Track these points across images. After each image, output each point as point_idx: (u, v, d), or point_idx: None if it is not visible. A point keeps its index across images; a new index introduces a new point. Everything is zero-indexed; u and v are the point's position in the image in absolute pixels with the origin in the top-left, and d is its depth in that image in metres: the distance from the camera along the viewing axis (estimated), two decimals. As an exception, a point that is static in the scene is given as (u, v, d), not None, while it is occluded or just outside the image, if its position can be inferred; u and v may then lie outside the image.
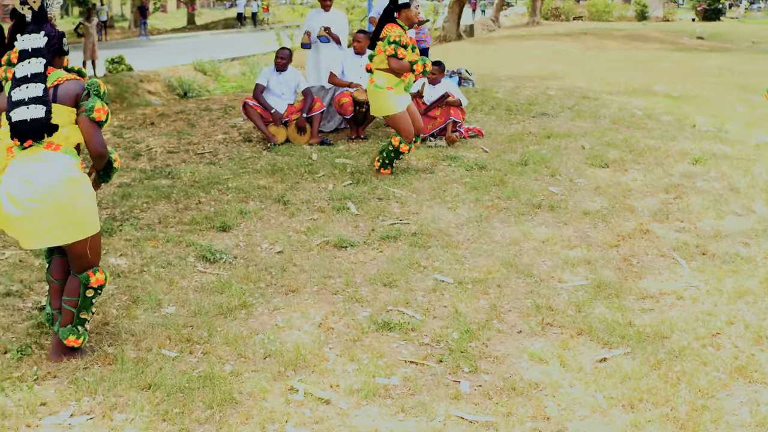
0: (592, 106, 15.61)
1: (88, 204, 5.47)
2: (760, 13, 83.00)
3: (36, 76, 5.32)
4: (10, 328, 6.17)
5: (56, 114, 5.31)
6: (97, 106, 5.39)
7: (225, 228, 8.38)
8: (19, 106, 5.26)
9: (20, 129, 5.27)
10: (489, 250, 7.83)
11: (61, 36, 5.58)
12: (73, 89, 5.41)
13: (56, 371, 5.55)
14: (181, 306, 6.57)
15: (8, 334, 6.08)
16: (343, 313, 6.43)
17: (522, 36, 36.16)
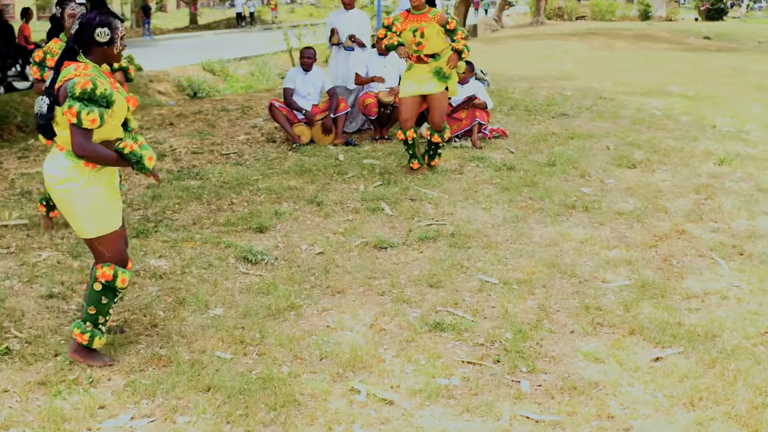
0: (610, 106, 15.65)
1: (82, 209, 5.41)
2: (761, 13, 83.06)
3: (57, 64, 5.34)
4: (57, 330, 6.18)
5: (57, 116, 5.30)
6: (65, 108, 5.12)
7: (261, 229, 8.40)
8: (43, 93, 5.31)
9: (36, 123, 5.38)
10: (529, 250, 7.85)
11: (97, 25, 5.29)
12: (63, 92, 5.22)
13: (110, 374, 5.56)
14: (229, 307, 6.58)
15: (56, 337, 6.09)
16: (393, 314, 6.45)
17: (528, 36, 36.19)
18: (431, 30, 9.85)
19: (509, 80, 19.50)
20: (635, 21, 57.74)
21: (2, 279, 7.17)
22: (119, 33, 5.39)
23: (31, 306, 6.60)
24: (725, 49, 32.15)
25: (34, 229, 8.50)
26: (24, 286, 7.02)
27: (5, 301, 6.66)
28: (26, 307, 6.58)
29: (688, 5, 78.77)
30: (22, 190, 10.04)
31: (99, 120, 5.15)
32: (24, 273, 7.29)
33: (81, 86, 5.10)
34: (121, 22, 5.42)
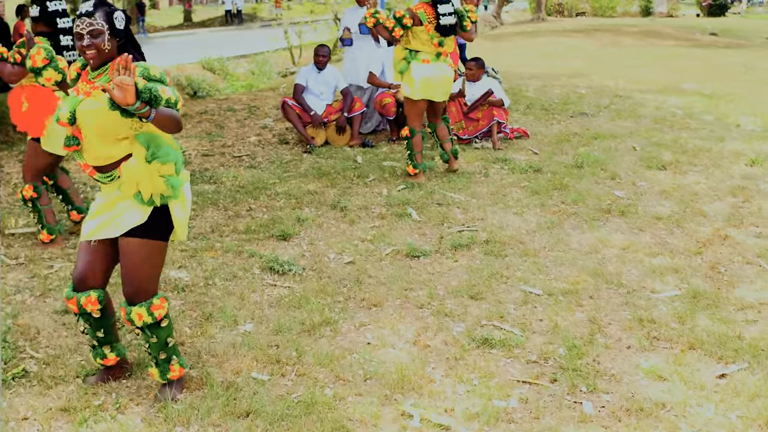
0: (628, 105, 15.40)
1: None
2: (761, 9, 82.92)
3: None
4: (77, 350, 5.88)
5: None
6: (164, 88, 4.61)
7: (285, 237, 8.11)
8: None
9: None
10: (570, 258, 7.55)
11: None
12: None
13: (138, 398, 5.24)
14: (260, 323, 6.27)
15: (76, 357, 5.78)
16: (437, 329, 6.14)
17: (531, 32, 35.94)
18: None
19: (520, 78, 19.23)
20: (636, 17, 57.55)
21: (13, 293, 6.87)
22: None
23: (46, 323, 6.30)
24: (734, 45, 31.92)
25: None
26: (37, 301, 6.72)
27: (18, 317, 6.36)
28: (41, 323, 6.28)
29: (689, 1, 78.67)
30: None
31: None
32: (36, 286, 7.00)
33: None
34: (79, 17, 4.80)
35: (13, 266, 7.52)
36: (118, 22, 4.82)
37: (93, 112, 4.72)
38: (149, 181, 4.83)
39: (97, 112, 4.72)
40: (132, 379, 5.47)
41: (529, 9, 58.14)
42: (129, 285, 5.04)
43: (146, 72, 4.55)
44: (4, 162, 11.61)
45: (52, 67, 7.42)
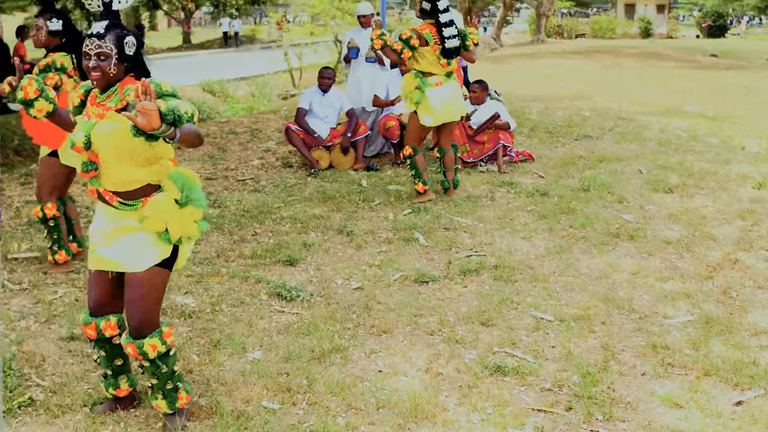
0: (632, 127, 15.38)
1: None
2: (760, 29, 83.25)
3: None
4: (83, 377, 5.81)
5: None
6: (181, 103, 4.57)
7: (291, 262, 8.05)
8: None
9: None
10: (580, 283, 7.50)
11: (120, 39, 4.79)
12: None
13: (147, 428, 5.18)
14: (269, 350, 6.21)
15: (83, 385, 5.71)
16: (448, 357, 6.08)
17: (532, 54, 36.02)
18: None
19: (522, 100, 19.22)
20: (636, 39, 57.71)
21: (18, 319, 6.81)
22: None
23: (51, 350, 6.23)
24: (734, 67, 31.99)
25: (47, 263, 8.10)
26: (42, 327, 6.65)
27: (23, 344, 6.29)
28: (46, 350, 6.21)
29: (688, 22, 78.92)
30: (30, 220, 9.66)
31: None
32: (41, 312, 6.93)
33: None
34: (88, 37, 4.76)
35: (17, 292, 7.47)
36: (128, 48, 4.76)
37: (108, 135, 4.66)
38: (180, 223, 4.82)
39: (113, 134, 4.66)
40: (141, 408, 5.40)
41: (528, 31, 58.28)
42: (138, 317, 4.92)
43: (159, 88, 4.51)
44: (6, 185, 11.56)
45: (43, 98, 7.37)
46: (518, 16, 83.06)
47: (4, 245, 8.68)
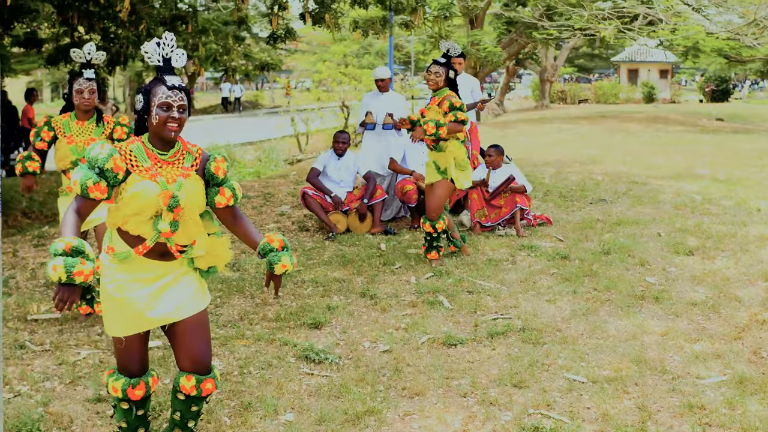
0: (645, 191, 15.45)
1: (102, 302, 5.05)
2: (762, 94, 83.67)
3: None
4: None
5: None
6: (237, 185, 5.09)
7: (317, 325, 8.07)
8: None
9: None
10: (610, 345, 7.51)
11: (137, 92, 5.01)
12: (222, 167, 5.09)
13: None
14: (301, 413, 6.20)
15: (113, 446, 5.71)
16: (484, 418, 6.07)
17: (537, 119, 36.24)
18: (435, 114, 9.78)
19: (534, 165, 19.32)
20: (639, 104, 58.01)
21: (42, 380, 6.82)
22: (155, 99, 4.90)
23: (78, 411, 6.24)
24: (741, 130, 32.15)
25: (68, 324, 8.14)
26: (67, 389, 6.66)
27: (49, 405, 6.30)
28: (74, 412, 6.22)
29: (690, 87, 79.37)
30: (47, 281, 9.70)
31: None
32: (65, 374, 6.94)
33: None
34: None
35: (39, 353, 7.48)
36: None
37: (195, 194, 4.88)
38: (225, 252, 5.11)
39: (197, 193, 4.88)
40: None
41: (532, 96, 58.63)
42: (205, 355, 5.13)
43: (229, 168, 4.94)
44: (19, 247, 11.62)
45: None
46: (520, 82, 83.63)
47: (22, 306, 8.71)
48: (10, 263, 10.74)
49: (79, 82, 7.82)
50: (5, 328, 8.11)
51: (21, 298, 9.03)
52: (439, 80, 9.78)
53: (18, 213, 16.39)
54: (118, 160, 4.75)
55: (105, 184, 4.73)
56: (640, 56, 66.87)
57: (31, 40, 18.81)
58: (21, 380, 6.84)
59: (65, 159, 7.97)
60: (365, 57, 44.52)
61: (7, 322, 8.26)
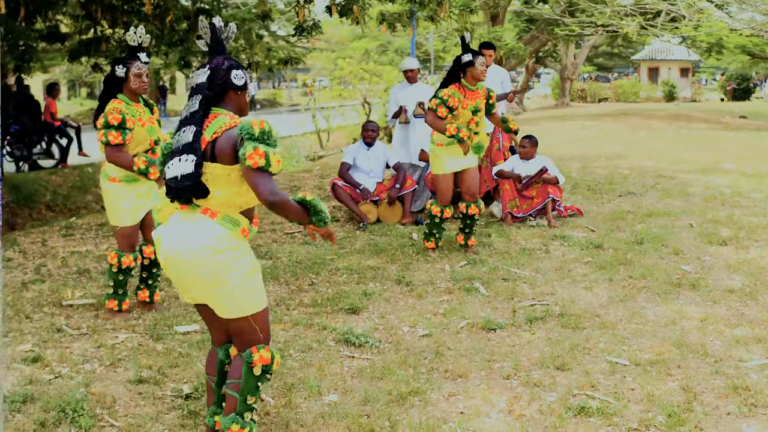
0: (674, 184, 15.45)
1: (243, 282, 4.91)
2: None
3: (192, 116, 4.80)
4: (158, 418, 5.86)
5: (213, 175, 4.75)
6: (249, 151, 4.57)
7: (354, 310, 8.12)
8: (174, 155, 4.80)
9: (172, 187, 4.80)
10: (650, 330, 7.54)
11: (231, 67, 4.92)
12: (228, 142, 4.72)
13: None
14: (344, 394, 6.25)
15: (158, 426, 5.76)
16: (529, 399, 6.11)
17: (558, 117, 36.23)
18: (481, 105, 9.75)
19: (559, 160, 19.23)
20: (660, 102, 57.87)
21: (81, 362, 6.90)
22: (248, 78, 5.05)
23: (120, 392, 6.30)
24: (765, 128, 32.08)
25: (103, 309, 8.19)
26: (107, 371, 6.74)
27: (90, 386, 6.37)
28: (116, 392, 6.28)
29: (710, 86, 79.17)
30: (79, 269, 9.81)
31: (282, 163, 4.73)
32: (104, 356, 7.01)
33: (259, 126, 4.64)
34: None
35: (76, 336, 7.56)
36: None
37: None
38: None
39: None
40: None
41: (552, 95, 58.54)
42: None
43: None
44: (47, 237, 11.72)
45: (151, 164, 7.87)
46: (538, 81, 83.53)
47: (56, 292, 8.78)
48: (40, 252, 10.84)
49: (138, 66, 7.77)
50: (40, 312, 8.20)
51: (54, 285, 9.12)
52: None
53: (42, 206, 16.52)
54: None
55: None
56: (660, 54, 66.72)
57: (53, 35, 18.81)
58: (61, 362, 6.91)
59: (144, 142, 7.93)
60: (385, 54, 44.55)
61: (43, 308, 8.35)
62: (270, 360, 5.11)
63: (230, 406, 5.13)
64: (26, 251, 10.87)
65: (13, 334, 7.59)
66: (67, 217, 15.32)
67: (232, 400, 5.11)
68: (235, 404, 5.10)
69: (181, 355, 7.04)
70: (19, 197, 16.99)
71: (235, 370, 5.13)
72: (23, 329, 7.73)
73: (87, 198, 19.03)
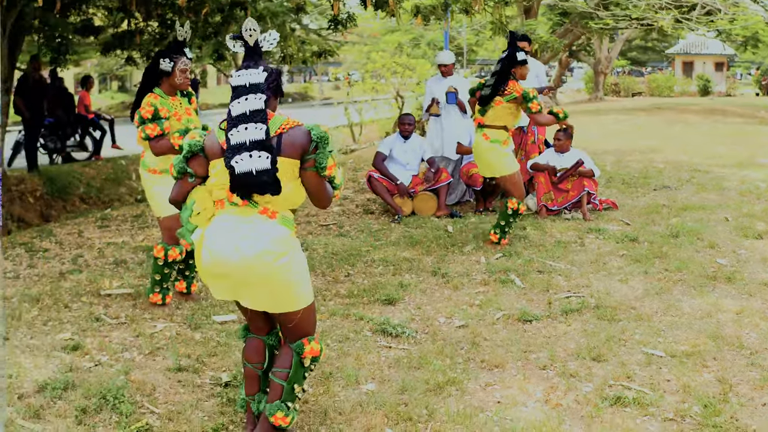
0: (709, 179, 15.43)
1: (302, 276, 5.12)
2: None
3: (256, 114, 4.85)
4: (198, 405, 5.98)
5: (281, 169, 4.84)
6: (329, 162, 4.89)
7: (390, 301, 8.22)
8: (240, 151, 4.80)
9: (244, 182, 4.84)
10: (685, 322, 7.60)
11: (279, 73, 5.13)
12: (300, 139, 4.89)
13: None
14: (382, 383, 6.35)
15: (198, 413, 5.88)
16: (565, 389, 6.19)
17: (593, 111, 36.10)
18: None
19: (593, 153, 19.16)
20: (695, 96, 57.55)
21: (121, 350, 7.03)
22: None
23: (160, 379, 6.42)
24: (802, 123, 31.88)
25: (141, 298, 8.33)
26: (146, 359, 6.86)
27: (130, 373, 6.48)
28: (155, 380, 6.40)
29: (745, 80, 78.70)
30: (116, 260, 9.96)
31: None
32: (143, 345, 7.15)
33: (328, 133, 4.92)
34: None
35: (115, 325, 7.70)
36: None
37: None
38: None
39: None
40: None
41: (585, 89, 58.29)
42: None
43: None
44: (83, 228, 11.86)
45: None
46: (571, 75, 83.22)
47: (94, 282, 8.92)
48: (76, 243, 10.99)
49: (184, 62, 7.91)
50: (79, 302, 8.34)
51: (92, 275, 9.25)
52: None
53: (76, 198, 16.69)
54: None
55: None
56: (695, 49, 66.38)
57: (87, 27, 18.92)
58: (100, 350, 7.04)
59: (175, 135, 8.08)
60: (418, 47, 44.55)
61: (81, 297, 8.49)
62: (319, 352, 5.29)
63: (276, 394, 5.27)
64: (63, 242, 11.03)
65: (53, 323, 7.73)
66: (101, 209, 15.48)
67: (278, 388, 5.25)
68: (281, 392, 5.24)
69: (219, 344, 7.15)
70: (53, 189, 17.18)
71: (284, 359, 5.27)
72: (62, 318, 7.86)
73: (120, 190, 19.22)
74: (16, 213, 14.89)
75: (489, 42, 42.58)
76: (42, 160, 19.66)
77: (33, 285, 8.91)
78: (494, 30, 17.91)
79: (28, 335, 7.38)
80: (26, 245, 10.79)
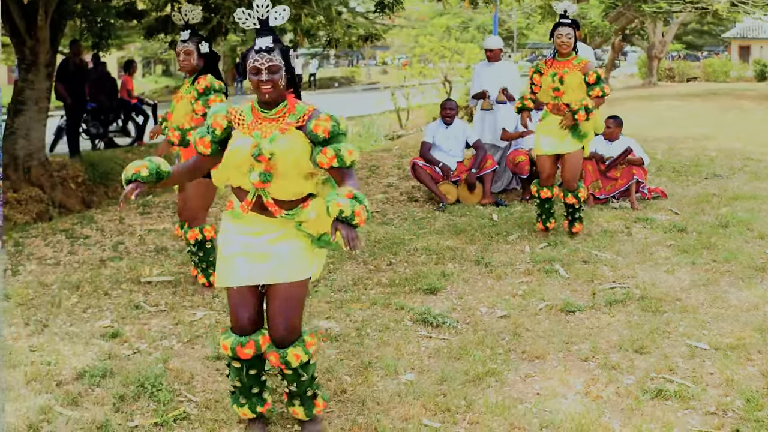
0: (762, 167, 15.35)
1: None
2: None
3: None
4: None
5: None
6: (350, 147, 4.98)
7: (432, 290, 8.29)
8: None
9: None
10: (732, 315, 7.61)
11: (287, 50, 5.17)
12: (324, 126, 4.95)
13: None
14: (421, 373, 6.42)
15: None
16: (606, 381, 6.24)
17: (644, 97, 35.90)
18: (573, 78, 9.71)
19: (644, 141, 19.11)
20: (751, 82, 57.00)
21: (159, 338, 7.15)
22: None
23: (198, 368, 6.53)
24: None
25: (181, 286, 8.45)
26: (185, 347, 6.98)
27: (168, 362, 6.61)
28: (193, 369, 6.52)
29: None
30: (156, 247, 10.10)
31: None
32: (182, 333, 7.26)
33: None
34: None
35: (154, 313, 7.83)
36: (292, 60, 5.10)
37: (291, 149, 4.96)
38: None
39: (294, 149, 4.96)
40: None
41: (639, 74, 57.93)
42: (285, 327, 5.23)
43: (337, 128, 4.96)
44: (125, 214, 11.98)
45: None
46: (625, 60, 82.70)
47: (134, 270, 9.04)
48: (117, 230, 11.13)
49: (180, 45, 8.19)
50: (119, 289, 8.47)
51: (132, 262, 9.39)
52: (571, 43, 9.86)
53: (118, 184, 16.82)
54: (219, 117, 5.13)
55: (208, 139, 5.14)
56: (752, 32, 65.77)
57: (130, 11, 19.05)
58: (139, 338, 7.17)
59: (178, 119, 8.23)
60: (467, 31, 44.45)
61: (121, 284, 8.64)
62: (227, 347, 5.35)
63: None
64: (104, 229, 11.17)
65: (92, 310, 7.88)
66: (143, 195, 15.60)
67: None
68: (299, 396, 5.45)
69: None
70: (95, 175, 17.35)
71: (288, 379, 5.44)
72: (101, 305, 8.00)
73: (163, 176, 19.33)
74: (58, 199, 15.05)
75: (540, 26, 42.50)
76: (84, 145, 19.83)
77: (73, 272, 9.06)
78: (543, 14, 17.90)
79: (68, 322, 7.52)
80: (67, 231, 10.95)
